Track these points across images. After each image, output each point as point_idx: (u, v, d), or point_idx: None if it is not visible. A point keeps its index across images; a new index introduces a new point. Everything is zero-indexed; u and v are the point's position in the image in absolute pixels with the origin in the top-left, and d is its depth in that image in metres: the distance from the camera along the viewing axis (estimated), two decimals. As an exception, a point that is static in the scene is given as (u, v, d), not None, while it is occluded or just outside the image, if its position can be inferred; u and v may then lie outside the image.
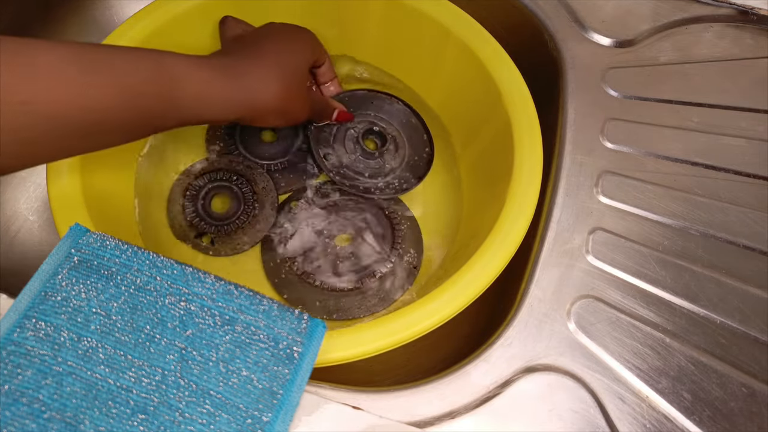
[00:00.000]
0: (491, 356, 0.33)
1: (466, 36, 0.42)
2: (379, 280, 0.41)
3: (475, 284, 0.32)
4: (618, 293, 0.36)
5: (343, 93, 0.47)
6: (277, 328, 0.29)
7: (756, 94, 0.43)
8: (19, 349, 0.27)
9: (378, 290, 0.41)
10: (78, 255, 0.29)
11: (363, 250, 0.42)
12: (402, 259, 0.42)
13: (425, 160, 0.46)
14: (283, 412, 0.27)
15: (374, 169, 0.45)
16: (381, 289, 0.41)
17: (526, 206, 0.35)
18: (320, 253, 0.42)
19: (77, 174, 0.35)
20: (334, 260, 0.41)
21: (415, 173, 0.45)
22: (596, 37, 0.46)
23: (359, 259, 0.42)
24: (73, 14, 0.54)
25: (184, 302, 0.29)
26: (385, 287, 0.41)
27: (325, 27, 0.48)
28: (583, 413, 0.32)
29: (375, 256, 0.42)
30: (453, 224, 0.44)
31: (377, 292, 0.41)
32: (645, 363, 0.33)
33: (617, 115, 0.42)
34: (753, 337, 0.34)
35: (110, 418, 0.26)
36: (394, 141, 0.46)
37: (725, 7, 0.47)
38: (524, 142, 0.38)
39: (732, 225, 0.38)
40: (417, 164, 0.46)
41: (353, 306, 0.40)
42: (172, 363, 0.27)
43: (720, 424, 0.32)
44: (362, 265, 0.41)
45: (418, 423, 0.31)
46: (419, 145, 0.46)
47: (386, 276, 0.41)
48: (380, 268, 0.41)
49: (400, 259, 0.42)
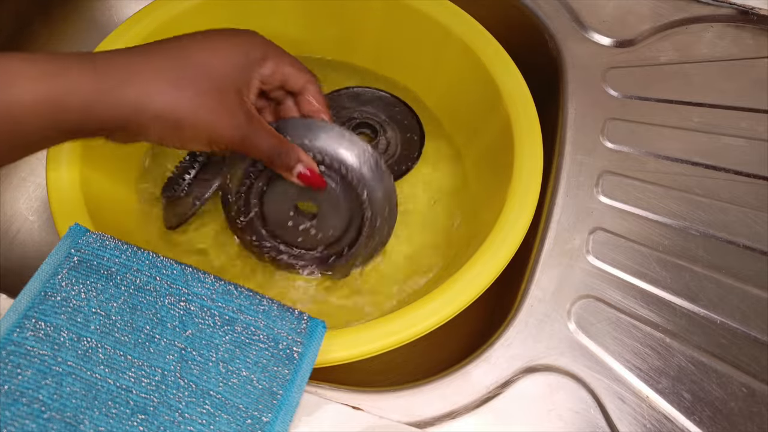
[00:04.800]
0: (491, 356, 0.33)
1: (467, 36, 0.42)
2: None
3: (475, 284, 0.32)
4: (618, 293, 0.36)
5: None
6: (277, 329, 0.29)
7: (756, 94, 0.43)
8: (19, 349, 0.27)
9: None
10: (78, 255, 0.29)
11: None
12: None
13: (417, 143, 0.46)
14: (283, 412, 0.27)
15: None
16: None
17: (526, 206, 0.35)
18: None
19: (77, 174, 0.35)
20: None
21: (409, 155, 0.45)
22: (596, 37, 0.46)
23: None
24: (73, 14, 0.54)
25: (183, 302, 0.29)
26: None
27: (324, 27, 0.48)
28: (584, 413, 0.32)
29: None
30: (452, 224, 0.44)
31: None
32: (645, 363, 0.33)
33: (617, 115, 0.42)
34: (753, 337, 0.34)
35: (110, 418, 0.26)
36: (384, 129, 0.46)
37: (725, 7, 0.47)
38: (524, 142, 0.37)
39: (732, 225, 0.38)
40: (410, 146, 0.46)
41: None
42: (171, 363, 0.27)
43: (720, 424, 0.32)
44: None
45: (418, 423, 0.31)
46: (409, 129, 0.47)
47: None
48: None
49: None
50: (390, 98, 0.49)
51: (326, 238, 0.38)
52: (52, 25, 0.52)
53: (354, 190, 0.35)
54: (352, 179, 0.35)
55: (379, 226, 0.37)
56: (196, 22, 0.43)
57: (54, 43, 0.52)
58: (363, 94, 0.49)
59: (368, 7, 0.45)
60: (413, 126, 0.48)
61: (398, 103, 0.48)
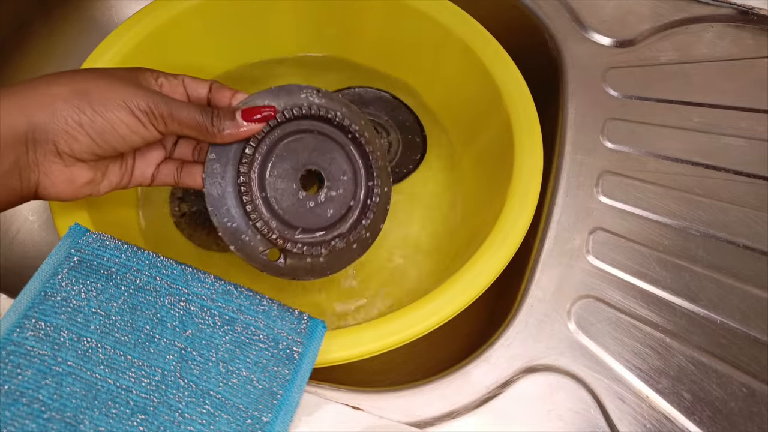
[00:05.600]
0: (491, 356, 0.33)
1: (467, 36, 0.42)
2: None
3: (475, 284, 0.32)
4: (618, 293, 0.36)
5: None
6: (277, 329, 0.29)
7: (756, 94, 0.43)
8: (19, 349, 0.26)
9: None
10: (78, 255, 0.29)
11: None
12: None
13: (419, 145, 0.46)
14: (283, 412, 0.27)
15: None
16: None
17: (526, 206, 0.35)
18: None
19: (77, 174, 0.35)
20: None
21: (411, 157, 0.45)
22: (596, 37, 0.46)
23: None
24: (73, 14, 0.54)
25: (183, 302, 0.29)
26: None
27: (324, 26, 0.48)
28: (583, 413, 0.32)
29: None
30: (453, 224, 0.44)
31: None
32: (645, 363, 0.33)
33: (617, 115, 0.42)
34: (753, 337, 0.34)
35: (110, 418, 0.26)
36: (385, 131, 0.46)
37: (725, 7, 0.47)
38: (524, 142, 0.37)
39: (732, 225, 0.38)
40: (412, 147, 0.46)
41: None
42: (171, 363, 0.27)
43: (720, 424, 0.32)
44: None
45: (418, 423, 0.31)
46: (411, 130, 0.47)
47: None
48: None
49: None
50: (391, 99, 0.49)
51: (339, 201, 0.36)
52: (52, 25, 0.52)
53: (332, 122, 0.35)
54: (326, 114, 0.35)
55: (381, 165, 0.37)
56: (196, 22, 0.43)
57: (54, 43, 0.52)
58: (364, 94, 0.49)
59: (368, 7, 0.45)
60: (414, 127, 0.48)
61: (399, 104, 0.49)
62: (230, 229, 0.33)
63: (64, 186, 0.29)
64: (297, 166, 0.35)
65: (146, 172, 0.33)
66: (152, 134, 0.30)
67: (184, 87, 0.33)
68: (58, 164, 0.28)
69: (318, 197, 0.35)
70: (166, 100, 0.30)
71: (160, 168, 0.34)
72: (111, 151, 0.29)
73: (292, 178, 0.35)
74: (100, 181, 0.31)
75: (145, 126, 0.29)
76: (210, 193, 0.33)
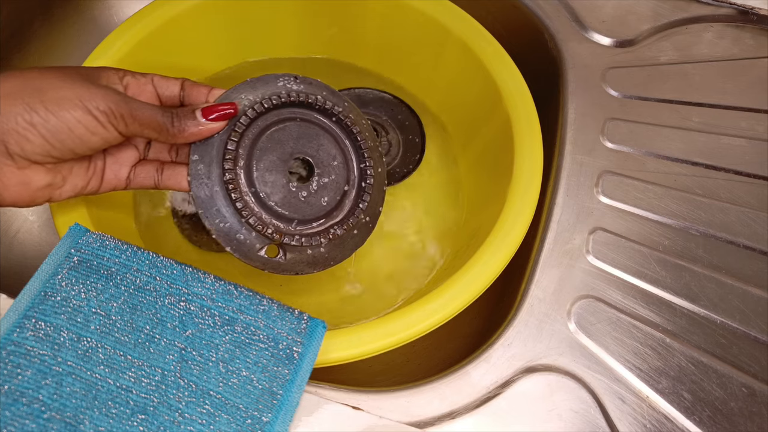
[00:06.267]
0: (491, 356, 0.33)
1: (467, 36, 0.42)
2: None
3: (474, 284, 0.32)
4: (618, 293, 0.36)
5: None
6: (277, 329, 0.29)
7: (756, 94, 0.43)
8: (19, 349, 0.26)
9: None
10: (78, 255, 0.29)
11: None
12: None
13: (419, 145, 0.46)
14: (283, 412, 0.27)
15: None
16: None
17: (526, 206, 0.35)
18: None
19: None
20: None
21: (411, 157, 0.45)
22: (596, 37, 0.46)
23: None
24: (73, 14, 0.54)
25: (183, 302, 0.29)
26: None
27: (324, 26, 0.48)
28: (583, 413, 0.32)
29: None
30: (453, 224, 0.44)
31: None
32: (645, 363, 0.33)
33: (617, 115, 0.42)
34: (753, 337, 0.34)
35: (110, 418, 0.26)
36: (385, 131, 0.46)
37: (725, 7, 0.47)
38: (524, 142, 0.37)
39: (732, 225, 0.38)
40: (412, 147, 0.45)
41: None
42: (171, 363, 0.27)
43: (720, 424, 0.32)
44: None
45: (418, 423, 0.31)
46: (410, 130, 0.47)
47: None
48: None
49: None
50: (391, 99, 0.49)
51: (333, 188, 0.36)
52: (52, 25, 0.52)
53: (313, 106, 0.35)
54: (306, 99, 0.35)
55: (371, 146, 0.37)
56: (195, 22, 0.43)
57: (54, 43, 0.52)
58: (364, 95, 0.49)
59: (368, 7, 0.45)
60: (414, 127, 0.48)
61: (399, 104, 0.49)
62: (223, 230, 0.32)
63: (18, 189, 0.27)
64: (284, 156, 0.34)
65: (120, 175, 0.32)
66: (112, 135, 0.28)
67: (154, 86, 0.32)
68: (10, 166, 0.27)
69: (310, 186, 0.35)
70: (126, 99, 0.28)
71: (136, 170, 0.32)
72: (69, 154, 0.28)
73: (281, 169, 0.34)
74: (61, 185, 0.29)
75: (104, 126, 0.27)
76: (198, 196, 0.32)
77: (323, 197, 0.35)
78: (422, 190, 0.46)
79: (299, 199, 0.34)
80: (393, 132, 0.47)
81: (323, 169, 0.35)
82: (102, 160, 0.31)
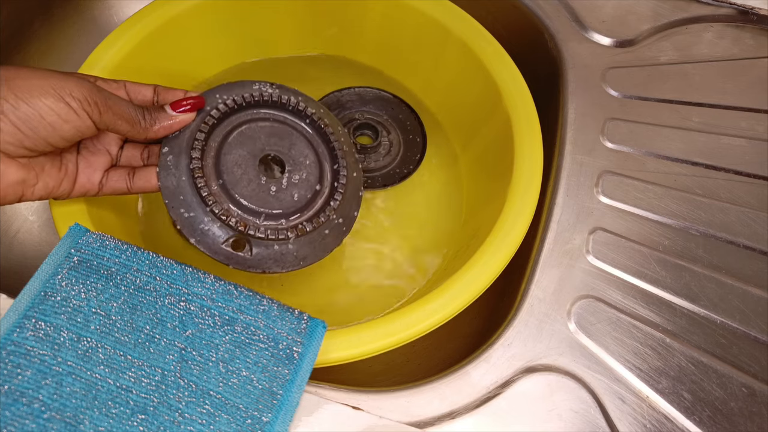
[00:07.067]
0: (491, 356, 0.33)
1: (467, 36, 0.42)
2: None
3: (474, 284, 0.32)
4: (618, 293, 0.36)
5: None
6: (277, 329, 0.29)
7: (756, 94, 0.43)
8: (19, 349, 0.26)
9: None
10: (78, 255, 0.29)
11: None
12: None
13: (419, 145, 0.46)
14: (283, 412, 0.27)
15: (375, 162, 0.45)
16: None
17: (526, 206, 0.35)
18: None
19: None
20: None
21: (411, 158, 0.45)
22: (596, 37, 0.46)
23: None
24: (73, 14, 0.54)
25: (183, 302, 0.29)
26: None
27: (324, 26, 0.48)
28: (583, 413, 0.32)
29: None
30: (453, 224, 0.44)
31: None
32: (645, 363, 0.33)
33: (617, 115, 0.42)
34: (753, 337, 0.34)
35: (110, 418, 0.26)
36: (386, 131, 0.46)
37: (725, 7, 0.47)
38: (524, 142, 0.38)
39: (732, 225, 0.38)
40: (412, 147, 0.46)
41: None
42: (171, 363, 0.27)
43: (720, 424, 0.32)
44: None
45: (418, 423, 0.31)
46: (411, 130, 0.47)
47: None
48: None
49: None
50: (391, 98, 0.49)
51: (304, 185, 0.36)
52: (52, 25, 0.52)
53: (286, 107, 0.36)
54: (279, 100, 0.35)
55: (346, 150, 0.37)
56: (195, 22, 0.43)
57: (54, 43, 0.52)
58: (364, 94, 0.49)
59: (368, 7, 0.45)
60: (415, 127, 0.48)
61: (400, 104, 0.49)
62: (188, 220, 0.31)
63: None
64: (255, 151, 0.34)
65: (93, 179, 0.31)
66: (85, 124, 0.28)
67: (126, 91, 0.32)
68: None
69: (281, 182, 0.35)
70: (100, 89, 0.28)
71: (109, 174, 0.32)
72: (42, 144, 0.27)
73: (251, 164, 0.34)
74: (34, 182, 0.28)
75: (77, 113, 0.27)
76: (165, 186, 0.32)
77: (294, 194, 0.35)
78: (422, 190, 0.46)
79: (268, 194, 0.34)
80: (394, 132, 0.47)
81: (294, 166, 0.35)
82: (74, 163, 0.31)
